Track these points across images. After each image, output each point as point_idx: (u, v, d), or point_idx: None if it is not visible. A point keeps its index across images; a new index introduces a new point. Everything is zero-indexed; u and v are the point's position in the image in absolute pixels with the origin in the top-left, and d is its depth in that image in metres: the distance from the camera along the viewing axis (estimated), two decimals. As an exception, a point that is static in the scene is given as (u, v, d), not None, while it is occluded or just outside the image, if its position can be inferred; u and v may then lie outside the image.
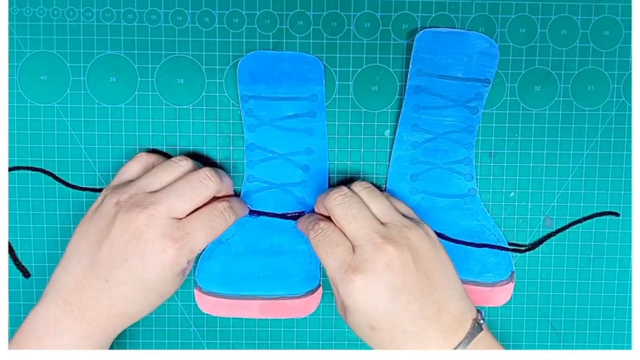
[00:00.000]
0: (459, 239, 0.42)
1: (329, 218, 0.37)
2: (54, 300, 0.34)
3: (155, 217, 0.34)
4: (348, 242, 0.35)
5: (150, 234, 0.34)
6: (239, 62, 0.40)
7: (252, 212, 0.42)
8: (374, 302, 0.33)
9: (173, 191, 0.35)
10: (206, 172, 0.36)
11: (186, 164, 0.37)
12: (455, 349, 0.34)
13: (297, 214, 0.42)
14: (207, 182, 0.36)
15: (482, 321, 0.35)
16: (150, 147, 0.42)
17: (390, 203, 0.37)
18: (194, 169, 0.37)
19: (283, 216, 0.42)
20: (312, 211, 0.41)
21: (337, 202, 0.36)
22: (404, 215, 0.37)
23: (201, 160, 0.42)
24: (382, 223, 0.36)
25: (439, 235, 0.42)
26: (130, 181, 0.37)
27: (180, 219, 0.35)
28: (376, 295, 0.33)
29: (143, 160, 0.39)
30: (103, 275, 0.34)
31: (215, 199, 0.38)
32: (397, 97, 0.42)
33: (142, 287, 0.34)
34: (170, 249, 0.34)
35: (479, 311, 0.36)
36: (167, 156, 0.41)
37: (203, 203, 0.36)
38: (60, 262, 0.35)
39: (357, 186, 0.38)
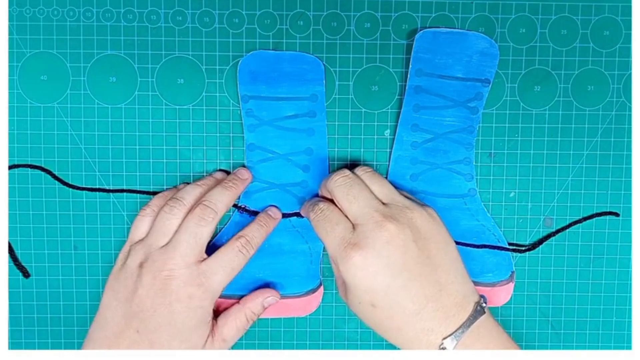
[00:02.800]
0: (459, 238, 0.42)
1: (331, 201, 0.38)
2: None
3: (174, 270, 0.36)
4: (348, 222, 0.36)
5: (174, 285, 0.36)
6: (239, 62, 0.40)
7: (252, 213, 0.42)
8: (374, 278, 0.34)
9: (179, 243, 0.37)
10: (199, 212, 0.37)
11: (178, 211, 0.38)
12: (456, 331, 0.33)
13: (296, 214, 0.42)
14: (204, 222, 0.37)
15: (484, 305, 0.35)
16: (151, 147, 0.42)
17: (393, 186, 0.38)
18: (190, 207, 0.38)
19: (283, 216, 0.42)
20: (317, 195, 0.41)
21: (339, 183, 0.37)
22: (406, 197, 0.37)
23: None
24: (383, 203, 0.36)
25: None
26: (143, 239, 0.39)
27: (201, 260, 0.37)
28: (376, 271, 0.34)
29: (149, 216, 0.39)
30: (135, 327, 0.36)
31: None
32: (397, 97, 0.42)
33: (168, 333, 0.36)
34: (195, 294, 0.36)
35: (482, 296, 0.36)
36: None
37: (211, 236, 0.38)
38: (95, 318, 0.38)
39: (359, 170, 0.38)
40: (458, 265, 0.36)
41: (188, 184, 0.41)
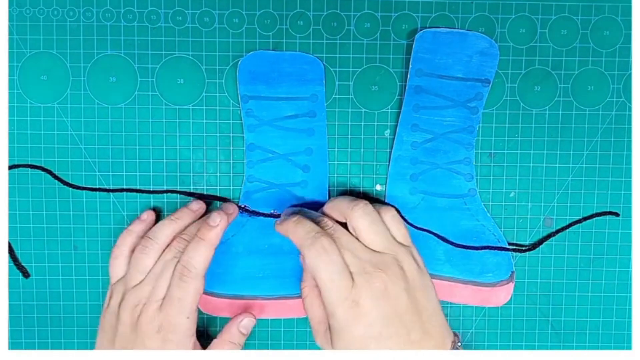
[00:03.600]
0: (459, 239, 0.42)
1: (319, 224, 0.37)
2: None
3: (145, 310, 0.37)
4: (347, 268, 0.35)
5: (142, 320, 0.37)
6: (239, 62, 0.40)
7: (252, 213, 0.42)
8: (369, 326, 0.34)
9: (148, 286, 0.37)
10: (170, 255, 0.38)
11: (150, 250, 0.38)
12: None
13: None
14: (185, 285, 0.37)
15: (459, 344, 0.37)
16: (151, 147, 0.41)
17: (387, 228, 0.37)
18: (164, 246, 0.38)
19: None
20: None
21: (314, 253, 0.35)
22: (397, 241, 0.37)
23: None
24: (377, 251, 0.36)
25: (440, 237, 0.42)
26: (122, 278, 0.39)
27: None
28: (372, 322, 0.34)
29: (120, 256, 0.39)
30: None
31: None
32: (397, 97, 0.42)
33: None
34: (162, 326, 0.36)
35: (455, 334, 0.37)
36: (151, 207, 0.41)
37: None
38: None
39: (358, 211, 0.36)
40: (438, 309, 0.37)
41: (155, 210, 0.41)
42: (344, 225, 0.37)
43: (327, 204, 0.39)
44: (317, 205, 0.41)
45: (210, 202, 0.42)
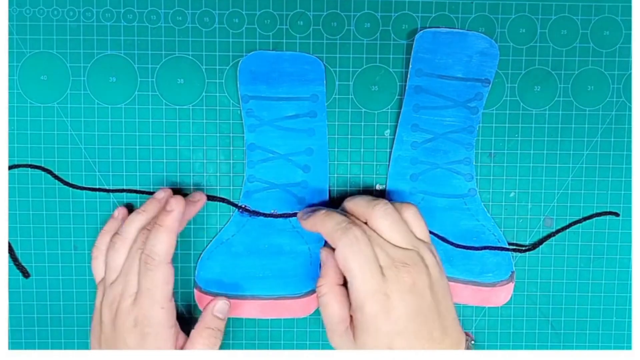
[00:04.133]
0: (459, 239, 0.42)
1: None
2: None
3: (120, 306, 0.37)
4: (377, 260, 0.35)
5: (119, 315, 0.37)
6: (240, 62, 0.40)
7: (252, 213, 0.42)
8: (395, 322, 0.34)
9: (121, 283, 0.37)
10: (135, 248, 0.37)
11: (120, 246, 0.38)
12: None
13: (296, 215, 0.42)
14: (151, 273, 0.37)
15: (472, 343, 0.37)
16: (151, 147, 0.41)
17: (408, 226, 0.36)
18: (133, 238, 0.38)
19: (282, 216, 0.42)
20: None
21: (346, 242, 0.35)
22: (417, 238, 0.37)
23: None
24: (402, 247, 0.36)
25: (440, 237, 0.42)
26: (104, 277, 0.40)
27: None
28: (399, 317, 0.34)
29: (99, 257, 0.40)
30: None
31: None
32: (397, 97, 0.42)
33: None
34: (138, 320, 0.36)
35: (467, 334, 0.37)
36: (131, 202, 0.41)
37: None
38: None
39: (378, 211, 0.36)
40: (453, 308, 0.37)
41: (127, 208, 0.41)
42: None
43: (345, 204, 0.38)
44: (317, 205, 0.41)
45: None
